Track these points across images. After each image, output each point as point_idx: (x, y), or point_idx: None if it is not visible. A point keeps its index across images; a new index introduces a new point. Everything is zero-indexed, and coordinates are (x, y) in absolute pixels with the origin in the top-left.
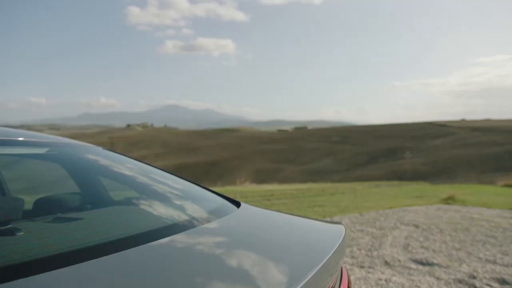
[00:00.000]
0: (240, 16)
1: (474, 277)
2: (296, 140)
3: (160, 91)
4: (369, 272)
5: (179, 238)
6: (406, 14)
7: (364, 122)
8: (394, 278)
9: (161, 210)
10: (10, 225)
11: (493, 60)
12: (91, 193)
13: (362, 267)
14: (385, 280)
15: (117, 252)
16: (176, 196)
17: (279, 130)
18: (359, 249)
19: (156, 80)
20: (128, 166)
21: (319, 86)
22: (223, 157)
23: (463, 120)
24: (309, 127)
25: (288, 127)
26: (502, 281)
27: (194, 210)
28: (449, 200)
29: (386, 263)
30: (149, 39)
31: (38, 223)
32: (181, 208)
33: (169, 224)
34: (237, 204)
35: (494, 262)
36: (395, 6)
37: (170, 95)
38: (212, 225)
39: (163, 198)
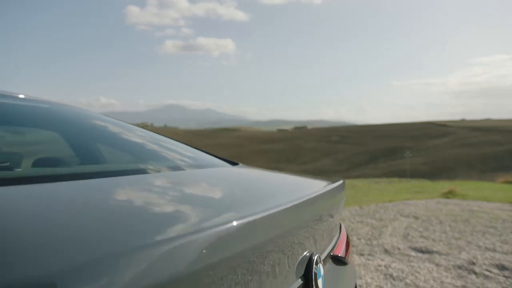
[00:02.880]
0: (240, 15)
1: (474, 263)
2: (296, 140)
3: (160, 91)
4: (368, 259)
5: (168, 174)
6: (406, 14)
7: (364, 122)
8: (393, 265)
9: (157, 163)
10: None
11: (493, 60)
12: (87, 155)
13: (362, 254)
14: (385, 266)
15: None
16: (174, 156)
17: (279, 130)
18: (359, 239)
19: (156, 80)
20: (126, 130)
21: (319, 86)
22: (223, 157)
23: (463, 120)
24: (309, 127)
25: (288, 127)
26: (502, 267)
27: (187, 162)
28: (449, 194)
29: (386, 251)
30: (149, 38)
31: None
32: (175, 160)
33: (160, 166)
34: (236, 164)
35: (494, 250)
36: (395, 6)
37: (170, 94)
38: (202, 170)
39: (160, 157)
